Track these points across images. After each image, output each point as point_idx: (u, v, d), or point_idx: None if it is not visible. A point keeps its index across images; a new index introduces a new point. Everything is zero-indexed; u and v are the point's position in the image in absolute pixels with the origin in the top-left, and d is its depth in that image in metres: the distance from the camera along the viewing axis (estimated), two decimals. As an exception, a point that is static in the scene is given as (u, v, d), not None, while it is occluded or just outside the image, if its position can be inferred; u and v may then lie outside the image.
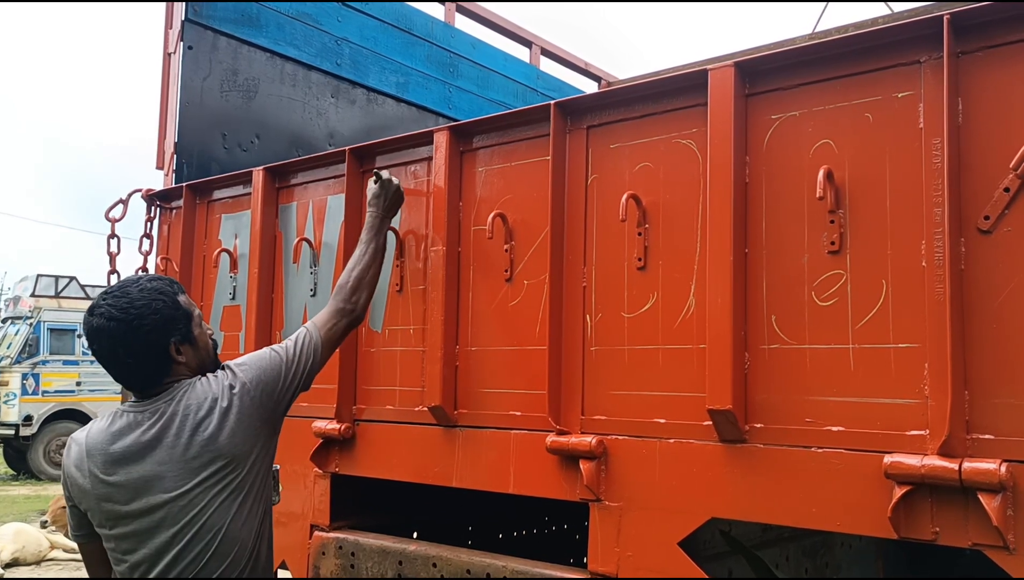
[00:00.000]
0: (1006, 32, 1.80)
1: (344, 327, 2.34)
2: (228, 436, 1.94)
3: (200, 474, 1.90)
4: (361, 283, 2.40)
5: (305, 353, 2.19)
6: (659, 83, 2.27)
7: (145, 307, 1.93)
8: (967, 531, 1.75)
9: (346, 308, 2.34)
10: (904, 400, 1.85)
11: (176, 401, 1.95)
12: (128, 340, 1.92)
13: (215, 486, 1.91)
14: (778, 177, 2.07)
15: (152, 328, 1.93)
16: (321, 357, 2.25)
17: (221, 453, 1.92)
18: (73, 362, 15.02)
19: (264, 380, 2.06)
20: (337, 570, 2.87)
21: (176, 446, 1.90)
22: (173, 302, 2.00)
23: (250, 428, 1.99)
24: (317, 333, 2.25)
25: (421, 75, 5.09)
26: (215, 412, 1.94)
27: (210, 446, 1.92)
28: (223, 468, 1.93)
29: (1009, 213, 1.76)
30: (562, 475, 2.35)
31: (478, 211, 2.67)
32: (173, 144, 3.93)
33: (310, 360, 2.20)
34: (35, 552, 8.25)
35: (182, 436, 1.91)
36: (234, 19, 4.12)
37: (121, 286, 1.99)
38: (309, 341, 2.22)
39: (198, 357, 2.05)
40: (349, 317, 2.35)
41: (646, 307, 2.25)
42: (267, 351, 2.16)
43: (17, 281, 16.72)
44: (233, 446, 1.94)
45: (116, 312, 1.92)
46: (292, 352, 2.18)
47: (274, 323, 3.25)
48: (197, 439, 1.91)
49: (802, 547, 3.01)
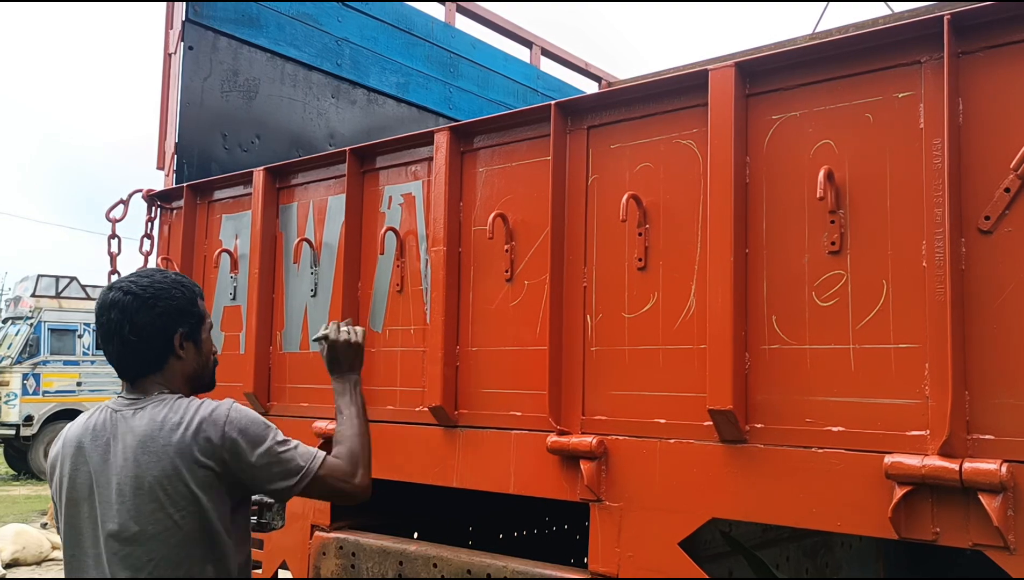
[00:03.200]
0: (1006, 32, 1.80)
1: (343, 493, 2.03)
2: (175, 464, 1.81)
3: (141, 498, 1.81)
4: (359, 460, 2.07)
5: (293, 468, 1.92)
6: (659, 83, 2.27)
7: (164, 291, 1.94)
8: (967, 531, 1.75)
9: (347, 488, 2.03)
10: (904, 400, 1.85)
11: (145, 412, 1.88)
12: (139, 317, 1.89)
13: (154, 514, 1.81)
14: (778, 177, 2.07)
15: (165, 311, 1.92)
16: (306, 487, 1.94)
17: (164, 483, 1.81)
18: (74, 362, 15.03)
19: (238, 439, 1.87)
20: (337, 570, 2.87)
21: (129, 462, 1.83)
22: (192, 297, 1.99)
23: (203, 467, 1.83)
24: (320, 467, 1.96)
25: (421, 75, 5.09)
26: (175, 435, 1.83)
27: (156, 472, 1.81)
28: (165, 499, 1.81)
29: (1009, 213, 1.76)
30: (563, 475, 2.35)
31: (478, 211, 2.67)
32: (174, 144, 3.93)
33: (292, 480, 1.92)
34: (35, 552, 8.25)
35: (136, 453, 1.83)
36: (234, 19, 4.12)
37: (146, 270, 2.01)
38: (307, 464, 1.94)
39: (198, 362, 2.01)
40: (356, 491, 2.04)
41: (646, 307, 2.25)
42: (267, 426, 1.94)
43: (18, 281, 16.73)
44: (178, 477, 1.81)
45: (136, 288, 1.92)
46: (283, 451, 1.92)
47: (274, 323, 3.25)
48: (148, 462, 1.82)
49: (802, 547, 3.01)
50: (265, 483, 1.91)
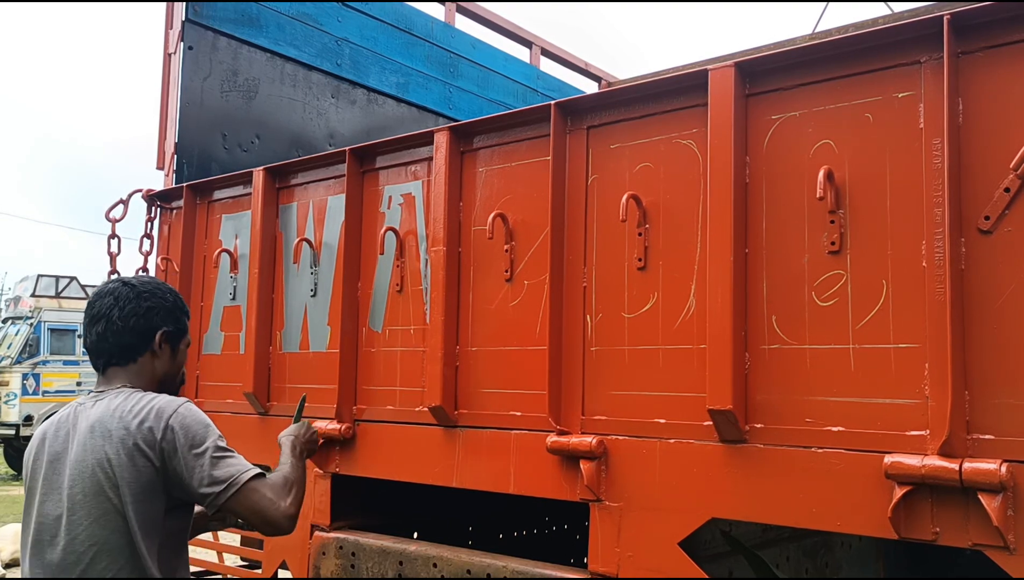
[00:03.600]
0: (1006, 32, 1.80)
1: (265, 512, 1.92)
2: (117, 450, 1.84)
3: (85, 482, 1.84)
4: (291, 490, 2.01)
5: (222, 476, 1.87)
6: (659, 83, 2.27)
7: (159, 291, 2.09)
8: (967, 531, 1.75)
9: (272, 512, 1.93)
10: (904, 400, 1.85)
11: (102, 402, 1.92)
12: (129, 306, 2.02)
13: (96, 497, 1.83)
14: (778, 177, 2.07)
15: (154, 306, 2.05)
16: (230, 498, 1.87)
17: (106, 468, 1.83)
18: (73, 362, 15.04)
19: (178, 435, 1.87)
20: (337, 570, 2.87)
21: (77, 447, 1.88)
22: (181, 308, 2.13)
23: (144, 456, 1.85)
24: (248, 479, 1.89)
25: (421, 75, 5.09)
26: (123, 423, 1.86)
27: (99, 456, 1.84)
28: (106, 483, 1.83)
29: (1009, 213, 1.76)
30: (562, 475, 2.35)
31: (478, 211, 2.67)
32: (173, 144, 3.93)
33: (218, 488, 1.86)
34: (35, 552, 8.24)
35: (84, 439, 1.87)
36: (234, 19, 4.12)
37: (150, 276, 2.18)
38: (235, 474, 1.88)
39: (170, 367, 2.08)
40: (280, 517, 1.94)
41: (646, 307, 2.25)
42: (211, 432, 1.92)
43: (17, 281, 16.74)
44: (119, 463, 1.83)
45: (134, 281, 2.08)
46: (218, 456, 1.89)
47: (274, 323, 3.25)
48: (93, 447, 1.85)
49: (802, 547, 3.01)
50: (195, 485, 1.87)
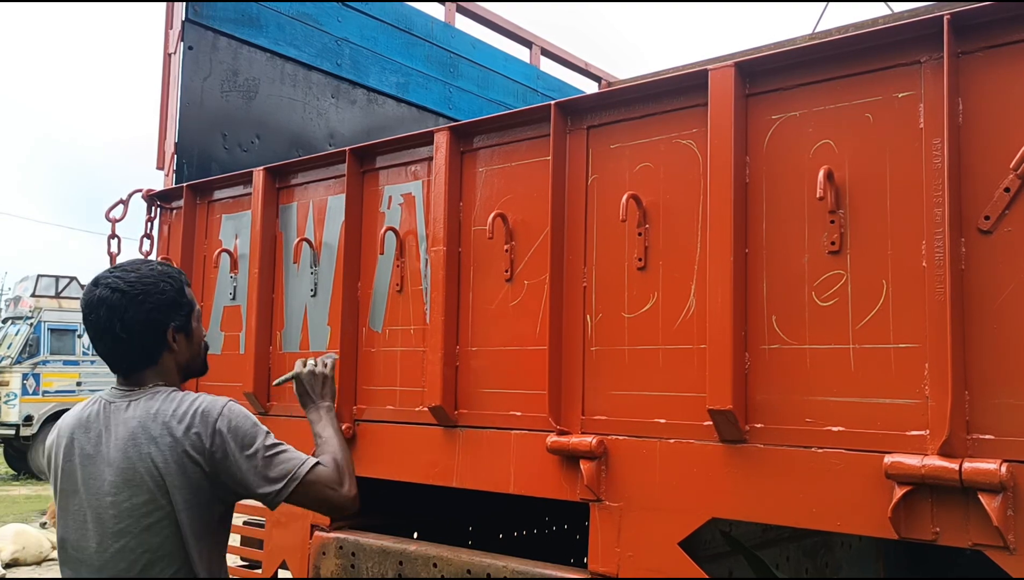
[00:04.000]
0: (1006, 32, 1.80)
1: (332, 502, 2.00)
2: (166, 456, 1.81)
3: (132, 489, 1.80)
4: (344, 472, 2.04)
5: (280, 474, 1.89)
6: (659, 83, 2.27)
7: (152, 286, 1.90)
8: (967, 531, 1.75)
9: (335, 497, 1.99)
10: (904, 400, 1.85)
11: (139, 405, 1.87)
12: (128, 315, 1.86)
13: (146, 505, 1.80)
14: (778, 177, 2.07)
15: (155, 307, 1.90)
16: (292, 493, 1.90)
17: (155, 474, 1.80)
18: (73, 362, 15.04)
19: (228, 439, 1.84)
20: (337, 570, 2.87)
21: (120, 453, 1.82)
22: (180, 288, 1.97)
23: (193, 461, 1.82)
24: (307, 473, 1.92)
25: (421, 75, 5.09)
26: (168, 428, 1.82)
27: (147, 464, 1.81)
28: (156, 490, 1.80)
29: (1009, 213, 1.76)
30: (562, 475, 2.35)
31: (478, 211, 2.67)
32: (173, 144, 3.93)
33: (278, 486, 1.88)
34: (35, 553, 8.25)
35: (129, 445, 1.82)
36: (234, 19, 4.12)
37: (131, 263, 1.96)
38: (294, 468, 1.90)
39: (190, 351, 2.01)
40: (346, 502, 2.01)
41: (646, 307, 2.25)
42: (259, 429, 1.92)
43: (17, 281, 16.74)
44: (168, 470, 1.80)
45: (123, 285, 1.88)
46: (272, 453, 1.89)
47: (274, 323, 3.25)
48: (140, 454, 1.81)
49: (802, 547, 3.01)
50: (252, 486, 1.87)
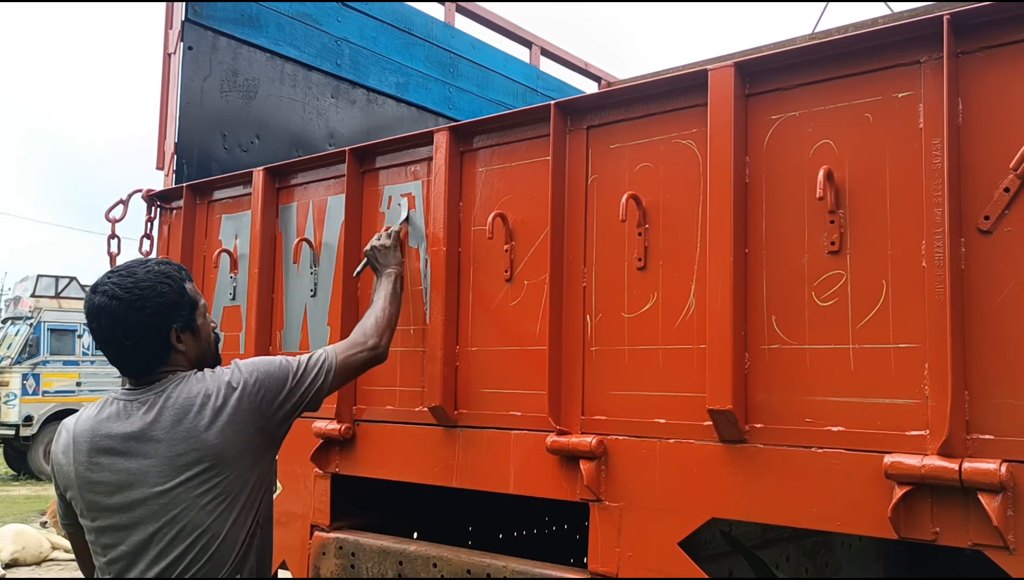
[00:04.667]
0: (1006, 32, 1.80)
1: (363, 360, 2.31)
2: (217, 435, 1.86)
3: (184, 472, 1.83)
4: (385, 324, 2.42)
5: (318, 371, 2.13)
6: (659, 83, 2.27)
7: (150, 289, 1.89)
8: (967, 531, 1.75)
9: (368, 343, 2.33)
10: (904, 400, 1.85)
11: (167, 393, 1.88)
12: (129, 322, 1.87)
13: (199, 486, 1.84)
14: (778, 177, 2.07)
15: (155, 311, 1.89)
16: (333, 380, 2.18)
17: (207, 452, 1.84)
18: (73, 362, 15.04)
19: (267, 384, 1.98)
20: (337, 570, 2.87)
21: (162, 441, 1.83)
22: (179, 287, 1.96)
23: (242, 431, 1.90)
24: (335, 356, 2.20)
25: (421, 75, 5.09)
26: (207, 408, 1.87)
27: (197, 444, 1.84)
28: (209, 469, 1.84)
29: (1009, 213, 1.76)
30: (562, 475, 2.35)
31: (478, 211, 2.67)
32: (173, 144, 3.93)
33: (320, 379, 2.13)
34: (35, 553, 8.25)
35: (169, 431, 1.84)
36: (234, 19, 4.12)
37: (128, 266, 1.96)
38: (324, 360, 2.17)
39: (199, 347, 2.01)
40: (372, 352, 2.33)
41: (646, 307, 2.25)
42: (278, 358, 2.10)
43: (17, 281, 16.74)
44: (221, 446, 1.86)
45: (120, 291, 1.87)
46: (304, 366, 2.11)
47: (274, 323, 3.25)
48: (184, 435, 1.83)
49: (802, 547, 3.01)
50: (302, 402, 2.09)
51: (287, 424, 2.07)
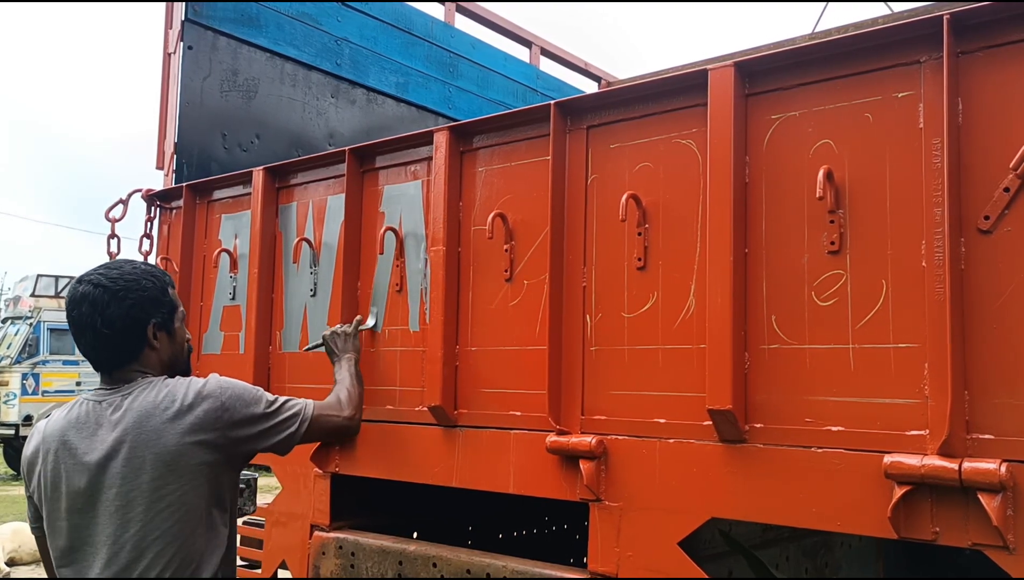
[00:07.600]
0: (1006, 32, 1.80)
1: (337, 425, 2.41)
2: (176, 439, 1.85)
3: (142, 476, 1.82)
4: (357, 400, 2.55)
5: (292, 415, 2.17)
6: (659, 83, 2.27)
7: (134, 282, 1.95)
8: (967, 531, 1.75)
9: (345, 412, 2.45)
10: (904, 400, 1.85)
11: (135, 395, 1.89)
12: (109, 309, 1.90)
13: (156, 491, 1.83)
14: (778, 177, 2.07)
15: (135, 302, 1.93)
16: (306, 433, 2.23)
17: (165, 457, 1.84)
18: (73, 362, 15.02)
19: (236, 406, 1.98)
20: (337, 570, 2.87)
21: (124, 443, 1.84)
22: (162, 287, 2.02)
23: (201, 443, 1.89)
24: (313, 410, 2.26)
25: (421, 75, 5.09)
26: (170, 411, 1.87)
27: (157, 448, 1.84)
28: (165, 475, 1.83)
29: (1009, 213, 1.76)
30: (562, 475, 2.35)
31: (478, 211, 2.67)
32: (173, 144, 3.93)
33: (295, 425, 2.18)
34: (32, 551, 8.25)
35: (132, 434, 1.84)
36: (234, 19, 4.12)
37: (115, 261, 2.02)
38: (302, 410, 2.22)
39: (172, 350, 2.03)
40: (348, 422, 2.46)
41: (646, 307, 2.25)
42: (254, 387, 2.11)
43: (17, 281, 16.74)
44: (179, 451, 1.85)
45: (105, 281, 1.93)
46: (280, 405, 2.14)
47: (274, 323, 3.25)
48: (145, 440, 1.84)
49: (802, 547, 3.01)
50: (268, 441, 2.08)
51: (245, 450, 2.04)
